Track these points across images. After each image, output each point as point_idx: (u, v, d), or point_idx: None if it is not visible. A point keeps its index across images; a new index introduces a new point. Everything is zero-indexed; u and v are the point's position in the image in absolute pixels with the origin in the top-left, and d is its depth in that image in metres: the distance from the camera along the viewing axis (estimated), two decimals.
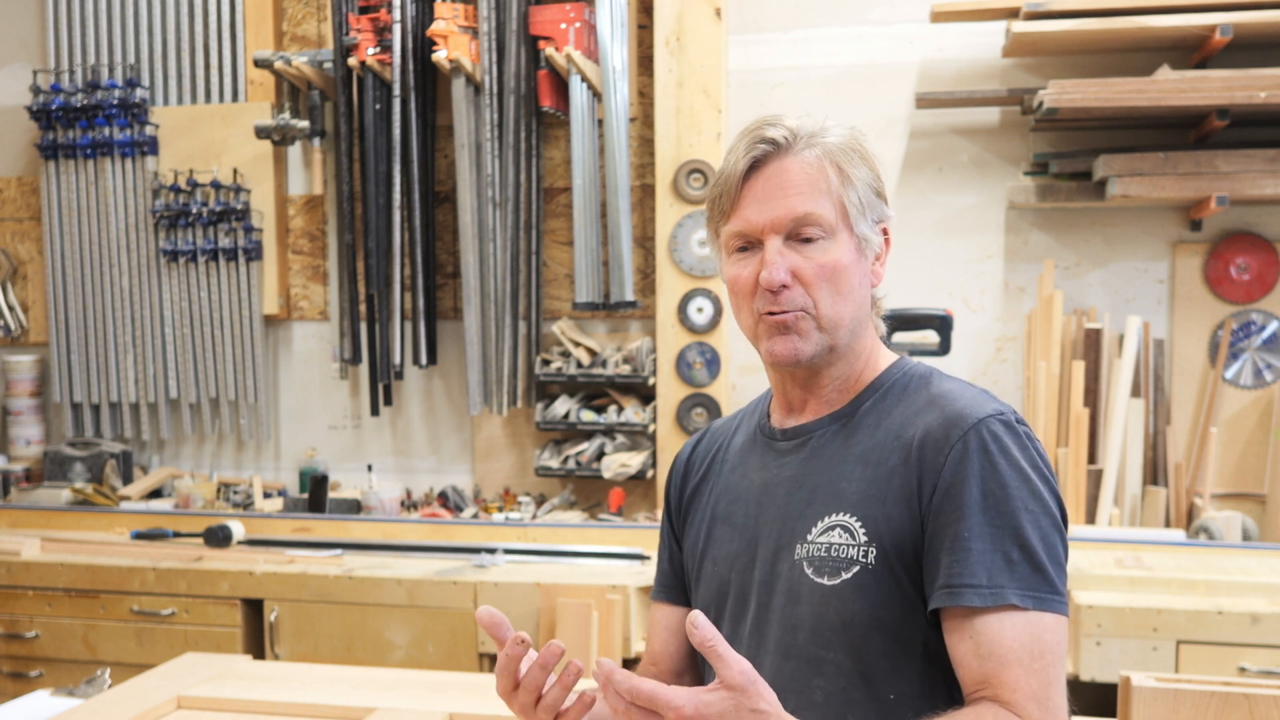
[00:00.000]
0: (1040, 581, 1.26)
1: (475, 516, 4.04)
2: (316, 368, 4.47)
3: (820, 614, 1.33)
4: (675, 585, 1.59)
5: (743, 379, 4.08)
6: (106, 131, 4.37)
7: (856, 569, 1.32)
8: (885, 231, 1.43)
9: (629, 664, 3.17)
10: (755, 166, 1.37)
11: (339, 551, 3.57)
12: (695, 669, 1.58)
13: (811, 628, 1.34)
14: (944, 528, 1.28)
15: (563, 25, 3.83)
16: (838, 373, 1.43)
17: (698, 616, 1.11)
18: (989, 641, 1.25)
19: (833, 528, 1.35)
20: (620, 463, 3.92)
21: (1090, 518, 3.67)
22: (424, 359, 4.17)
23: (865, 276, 1.40)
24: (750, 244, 1.39)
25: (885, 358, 1.46)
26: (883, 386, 1.43)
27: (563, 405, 4.05)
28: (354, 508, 4.06)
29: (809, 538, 1.36)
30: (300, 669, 2.46)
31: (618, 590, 3.21)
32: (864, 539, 1.32)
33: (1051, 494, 1.30)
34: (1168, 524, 3.68)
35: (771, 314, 1.37)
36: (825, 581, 1.33)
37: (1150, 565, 3.16)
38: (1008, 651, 1.24)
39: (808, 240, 1.36)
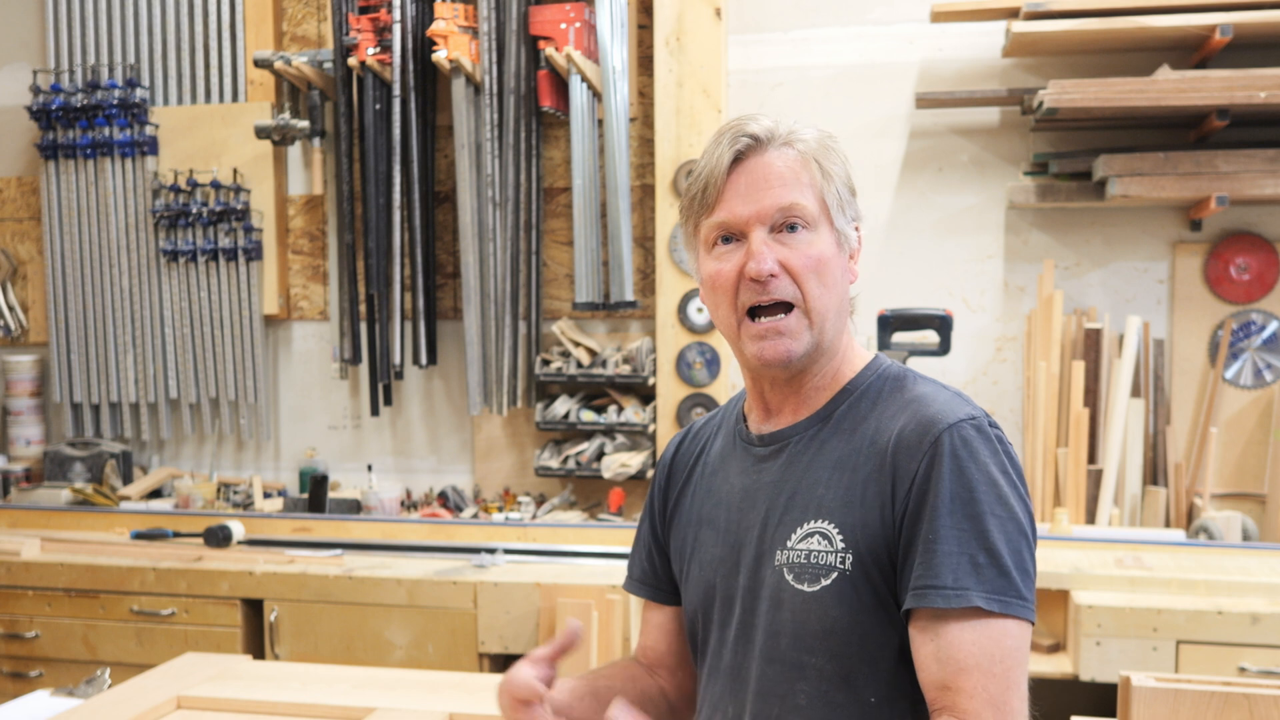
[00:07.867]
0: (1006, 585, 1.27)
1: (475, 516, 4.04)
2: (316, 368, 4.47)
3: (802, 620, 1.36)
4: (657, 584, 1.62)
5: (742, 379, 4.07)
6: (106, 131, 4.37)
7: (835, 575, 1.34)
8: (858, 229, 1.45)
9: None
10: (739, 160, 1.38)
11: (339, 551, 3.57)
12: (687, 665, 1.60)
13: (793, 633, 1.36)
14: (916, 533, 1.30)
15: (563, 25, 3.83)
16: (819, 370, 1.44)
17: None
18: (949, 644, 1.26)
19: (811, 534, 1.37)
20: (620, 463, 3.92)
21: (1090, 518, 3.67)
22: (424, 359, 4.17)
23: (845, 272, 1.43)
24: (734, 236, 1.39)
25: (860, 357, 1.48)
26: (858, 389, 1.44)
27: (563, 405, 4.05)
28: (354, 508, 4.06)
29: (789, 544, 1.38)
30: (300, 669, 2.46)
31: (618, 590, 3.20)
32: (841, 545, 1.34)
33: (1020, 501, 1.31)
34: (1168, 524, 3.68)
35: (759, 307, 1.39)
36: (806, 588, 1.35)
37: (1150, 565, 3.17)
38: (967, 656, 1.25)
39: (793, 230, 1.37)
